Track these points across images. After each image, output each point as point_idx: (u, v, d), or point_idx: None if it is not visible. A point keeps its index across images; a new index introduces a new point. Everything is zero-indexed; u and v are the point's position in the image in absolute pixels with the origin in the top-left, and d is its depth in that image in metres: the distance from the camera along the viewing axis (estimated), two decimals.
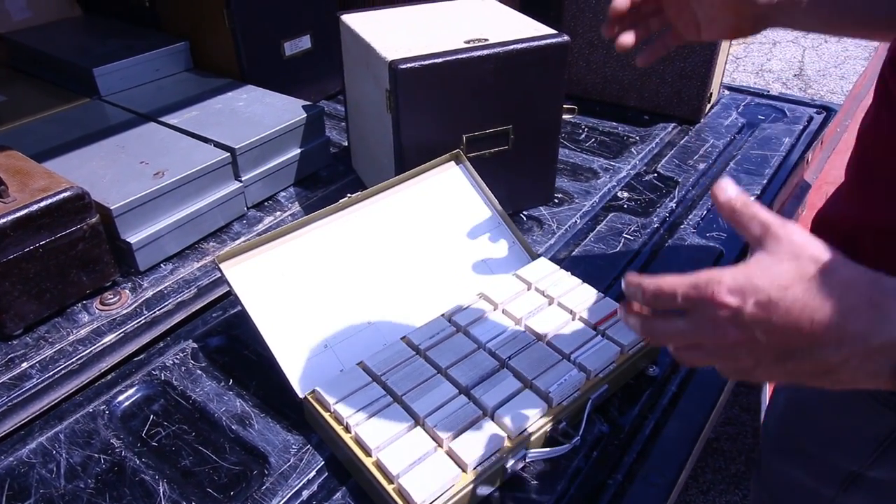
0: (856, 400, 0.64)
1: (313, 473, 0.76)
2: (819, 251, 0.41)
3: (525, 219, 1.21)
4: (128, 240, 1.05)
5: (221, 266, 0.85)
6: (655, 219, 1.19)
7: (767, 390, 1.14)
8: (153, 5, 1.61)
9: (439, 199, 1.02)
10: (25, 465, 0.79)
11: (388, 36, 1.11)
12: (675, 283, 0.44)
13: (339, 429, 0.74)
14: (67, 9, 1.72)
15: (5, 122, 1.28)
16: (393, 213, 0.98)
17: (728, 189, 0.45)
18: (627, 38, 0.74)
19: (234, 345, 0.96)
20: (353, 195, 0.96)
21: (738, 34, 0.71)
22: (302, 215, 1.19)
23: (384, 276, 0.92)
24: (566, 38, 1.08)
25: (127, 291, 1.06)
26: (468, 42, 1.08)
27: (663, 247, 1.12)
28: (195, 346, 0.96)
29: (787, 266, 0.41)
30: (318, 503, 0.73)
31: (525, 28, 1.14)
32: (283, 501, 0.73)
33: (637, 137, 1.47)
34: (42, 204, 0.92)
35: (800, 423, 0.76)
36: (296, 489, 0.74)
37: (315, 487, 0.75)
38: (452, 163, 1.05)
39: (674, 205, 1.23)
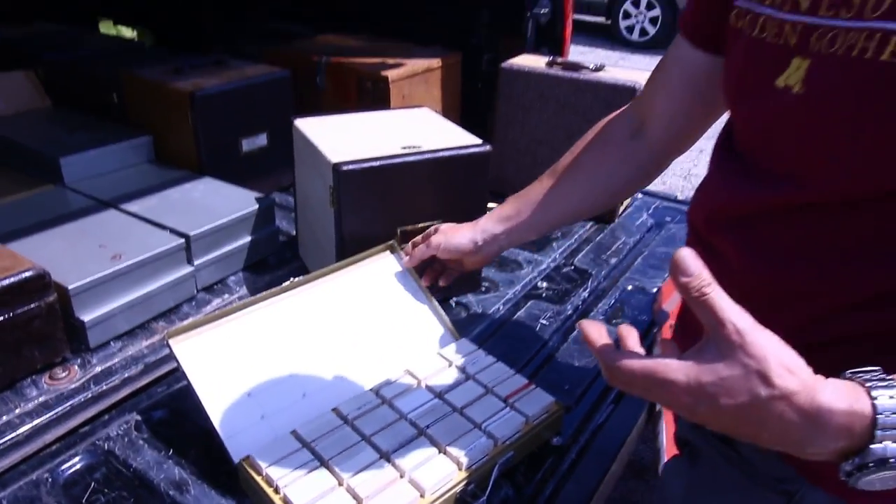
0: (749, 488, 0.75)
1: None
2: (766, 368, 0.46)
3: (454, 305, 1.33)
4: (81, 318, 1.13)
5: (170, 342, 0.94)
6: (569, 306, 1.34)
7: (663, 456, 1.25)
8: (121, 101, 1.75)
9: (374, 285, 1.13)
10: None
11: (335, 140, 1.26)
12: (633, 369, 0.51)
13: (269, 490, 0.82)
14: (38, 100, 1.84)
15: None
16: (331, 296, 1.09)
17: (689, 266, 0.48)
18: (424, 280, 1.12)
19: (177, 418, 1.03)
20: (296, 279, 1.07)
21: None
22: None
23: (320, 353, 1.02)
24: (488, 147, 1.26)
25: (76, 367, 1.12)
26: (405, 148, 1.24)
27: (574, 331, 1.26)
28: (139, 418, 1.02)
29: (738, 378, 0.46)
30: None
31: (456, 137, 1.31)
32: None
33: (559, 234, 1.64)
34: (4, 283, 1.00)
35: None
36: None
37: None
38: (388, 252, 1.18)
39: (586, 294, 1.38)
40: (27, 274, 1.03)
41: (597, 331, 0.55)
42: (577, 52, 7.61)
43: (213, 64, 1.78)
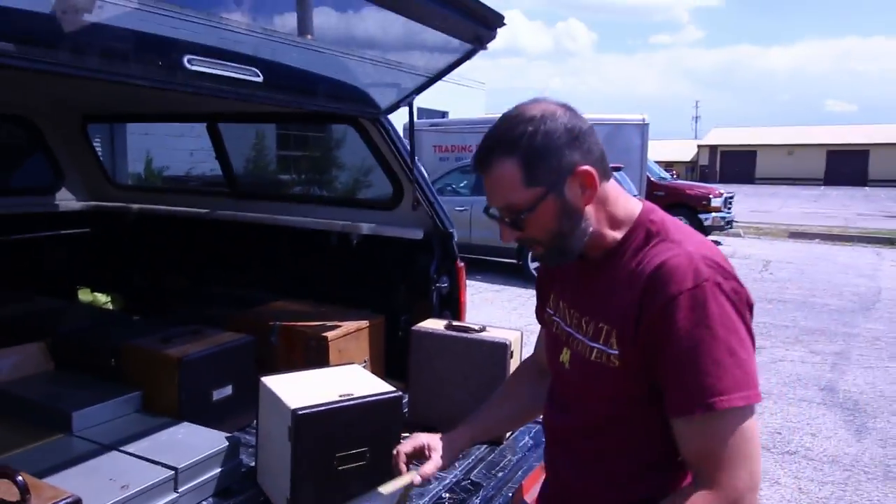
0: None
1: None
2: None
3: None
4: None
5: None
6: None
7: None
8: (118, 364, 2.23)
9: None
10: None
11: (291, 392, 1.79)
12: None
13: None
14: (44, 364, 2.30)
15: (5, 451, 1.75)
16: None
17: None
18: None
19: None
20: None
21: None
22: None
23: None
24: (399, 393, 1.81)
25: None
26: (341, 396, 1.78)
27: None
28: None
29: None
30: None
31: (377, 386, 1.86)
32: None
33: (461, 455, 2.12)
34: None
35: None
36: None
37: None
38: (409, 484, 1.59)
39: (478, 501, 1.85)
40: (69, 499, 1.43)
41: None
42: (493, 290, 8.63)
43: (192, 333, 2.32)
